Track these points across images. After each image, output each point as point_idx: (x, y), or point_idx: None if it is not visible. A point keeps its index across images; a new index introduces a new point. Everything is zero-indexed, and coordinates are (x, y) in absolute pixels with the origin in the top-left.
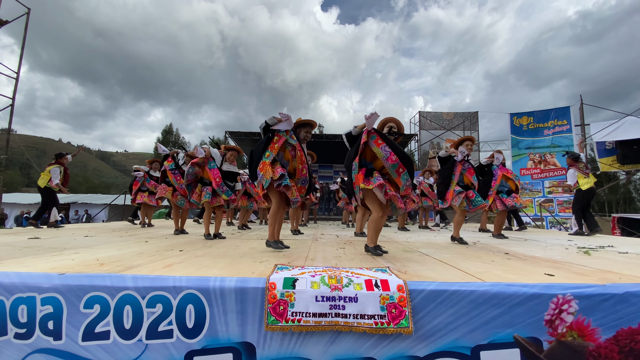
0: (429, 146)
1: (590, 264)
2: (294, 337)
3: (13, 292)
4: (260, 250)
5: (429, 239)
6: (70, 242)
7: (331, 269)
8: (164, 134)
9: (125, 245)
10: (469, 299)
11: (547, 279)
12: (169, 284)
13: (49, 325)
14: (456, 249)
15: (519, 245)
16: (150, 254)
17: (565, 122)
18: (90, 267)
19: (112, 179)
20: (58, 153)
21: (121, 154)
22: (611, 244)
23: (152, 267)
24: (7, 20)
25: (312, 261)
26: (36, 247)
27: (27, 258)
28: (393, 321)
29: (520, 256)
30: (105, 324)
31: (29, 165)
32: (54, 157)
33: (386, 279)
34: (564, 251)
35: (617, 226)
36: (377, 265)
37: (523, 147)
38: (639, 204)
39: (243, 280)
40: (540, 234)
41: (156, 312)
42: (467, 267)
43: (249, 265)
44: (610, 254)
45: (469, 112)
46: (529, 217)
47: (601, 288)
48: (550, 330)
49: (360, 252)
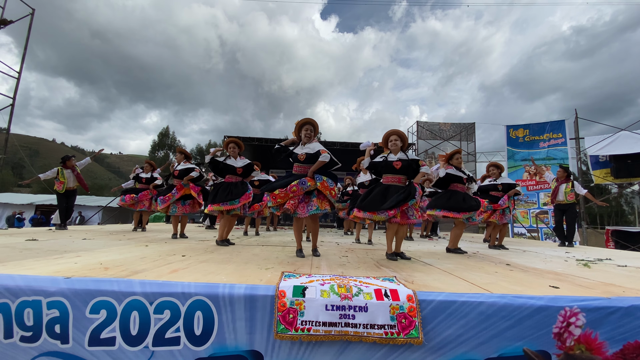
0: (424, 156)
1: (591, 277)
2: (303, 346)
3: (18, 295)
4: (263, 257)
5: (429, 248)
6: (69, 244)
7: (339, 277)
8: (160, 137)
9: (126, 249)
10: (478, 311)
11: (553, 291)
12: (177, 290)
13: (56, 329)
14: (458, 260)
15: (519, 256)
16: (153, 258)
17: (560, 135)
18: (94, 271)
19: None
20: (64, 156)
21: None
22: (608, 256)
23: (158, 272)
24: (11, 20)
25: (317, 269)
26: (35, 250)
27: (28, 260)
28: (403, 331)
29: (522, 268)
30: (111, 330)
31: (21, 165)
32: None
33: (395, 288)
34: (563, 263)
35: (610, 239)
36: (383, 275)
37: (519, 158)
38: (631, 217)
39: (252, 287)
40: (536, 246)
41: (164, 319)
42: (472, 278)
43: (255, 272)
44: (609, 266)
45: (466, 123)
46: (525, 228)
47: (607, 301)
48: (559, 343)
49: (364, 261)
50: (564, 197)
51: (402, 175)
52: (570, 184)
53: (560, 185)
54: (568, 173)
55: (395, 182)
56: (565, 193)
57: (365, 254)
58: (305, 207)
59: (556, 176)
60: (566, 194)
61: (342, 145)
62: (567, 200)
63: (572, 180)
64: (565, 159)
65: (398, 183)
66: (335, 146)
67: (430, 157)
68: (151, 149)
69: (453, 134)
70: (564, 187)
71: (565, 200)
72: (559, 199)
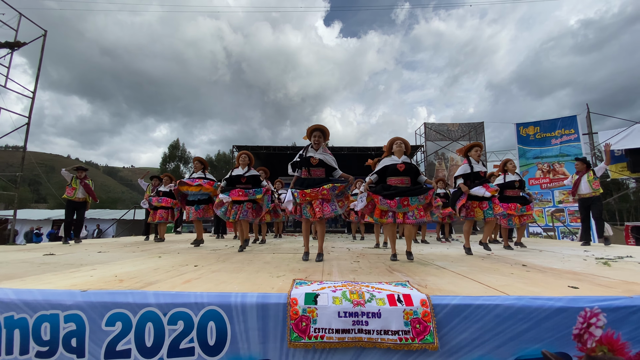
0: (434, 157)
1: (612, 276)
2: (317, 354)
3: (37, 309)
4: (274, 265)
5: (442, 251)
6: (85, 258)
7: (351, 283)
8: (170, 149)
9: (139, 260)
10: (494, 313)
11: (572, 291)
12: (190, 300)
13: (72, 342)
14: (472, 262)
15: (535, 256)
16: (166, 269)
17: (573, 131)
18: (109, 283)
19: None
20: (78, 166)
21: (128, 169)
22: (629, 254)
23: (172, 283)
24: (24, 42)
25: (329, 275)
26: (53, 264)
27: (46, 275)
28: (417, 337)
29: (539, 268)
30: (126, 342)
31: (37, 182)
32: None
33: (408, 293)
34: (582, 262)
35: (630, 235)
36: (396, 279)
37: (531, 156)
38: None
39: (264, 296)
40: (553, 245)
41: (177, 329)
42: (487, 280)
43: (267, 280)
44: (630, 264)
45: (475, 123)
46: (540, 227)
47: (628, 300)
48: (580, 345)
49: (376, 265)
50: (589, 187)
51: (406, 177)
52: (592, 172)
53: (582, 177)
54: (587, 163)
55: (399, 184)
56: (589, 182)
57: (377, 259)
58: (329, 207)
59: (575, 169)
60: (590, 183)
61: (350, 150)
62: (593, 189)
63: (592, 169)
64: (579, 155)
65: (402, 184)
66: (343, 151)
67: (440, 158)
68: (162, 161)
69: (462, 134)
70: (586, 177)
71: (592, 191)
72: (583, 192)
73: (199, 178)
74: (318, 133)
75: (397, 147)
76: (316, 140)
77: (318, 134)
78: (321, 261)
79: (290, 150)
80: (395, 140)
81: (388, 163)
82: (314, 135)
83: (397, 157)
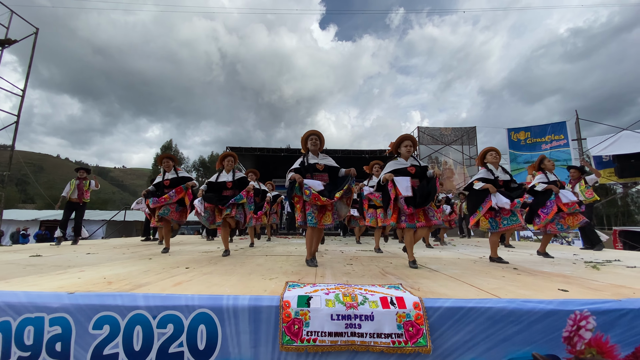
0: (428, 161)
1: (601, 279)
2: (309, 357)
3: (21, 312)
4: (267, 267)
5: (434, 254)
6: (73, 259)
7: (344, 286)
8: (163, 150)
9: (129, 262)
10: (486, 316)
11: (562, 294)
12: (181, 303)
13: (57, 347)
14: (464, 265)
15: (526, 260)
16: (157, 271)
17: (562, 136)
18: (98, 285)
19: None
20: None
21: (119, 169)
22: (617, 257)
23: (162, 285)
24: (15, 39)
25: (322, 278)
26: (39, 265)
27: (32, 277)
28: (410, 340)
29: (529, 271)
30: (114, 346)
31: (25, 181)
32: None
33: (401, 296)
34: (572, 266)
35: (618, 239)
36: (389, 282)
37: (521, 161)
38: (638, 217)
39: (257, 298)
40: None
41: (167, 333)
42: (479, 283)
43: (259, 283)
44: (618, 268)
45: (467, 127)
46: (531, 232)
47: (617, 303)
48: (569, 347)
49: (369, 268)
50: (582, 196)
51: (417, 179)
52: (584, 182)
53: (574, 185)
54: (582, 171)
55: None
56: (582, 192)
57: (370, 262)
58: (332, 217)
59: (570, 177)
60: (583, 192)
61: (344, 152)
62: (586, 198)
63: (583, 178)
64: (568, 160)
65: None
66: (337, 154)
67: (433, 161)
68: (154, 162)
69: (454, 138)
70: (578, 186)
71: (585, 199)
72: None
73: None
74: (315, 137)
75: (406, 149)
76: (314, 143)
77: (315, 138)
78: (316, 266)
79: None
80: (405, 140)
81: (397, 167)
82: (310, 139)
83: (405, 160)
